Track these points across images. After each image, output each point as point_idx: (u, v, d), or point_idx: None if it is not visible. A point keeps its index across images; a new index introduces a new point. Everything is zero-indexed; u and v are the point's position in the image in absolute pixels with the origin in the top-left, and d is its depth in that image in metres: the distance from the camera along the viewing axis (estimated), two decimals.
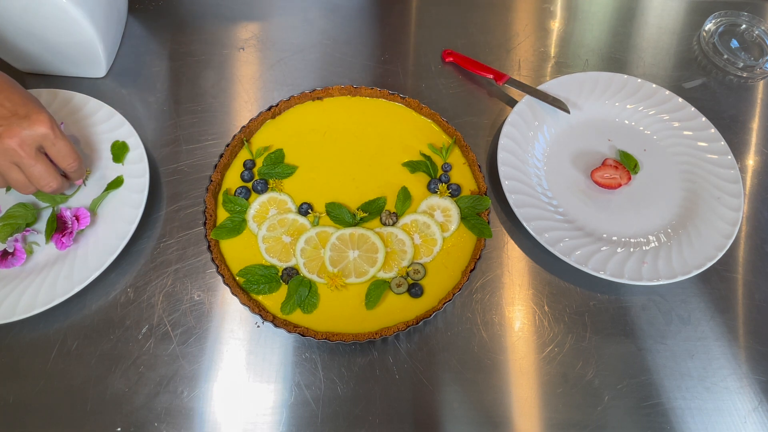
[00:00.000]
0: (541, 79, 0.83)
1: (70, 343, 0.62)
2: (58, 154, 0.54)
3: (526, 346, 0.64)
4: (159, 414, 0.58)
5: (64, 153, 0.54)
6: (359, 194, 0.67)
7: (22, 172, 0.53)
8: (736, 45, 0.89)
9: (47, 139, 0.51)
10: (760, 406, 0.61)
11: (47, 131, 0.51)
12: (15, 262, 0.63)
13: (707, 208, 0.70)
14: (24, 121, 0.49)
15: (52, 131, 0.51)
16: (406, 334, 0.63)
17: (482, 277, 0.67)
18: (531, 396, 0.61)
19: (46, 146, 0.52)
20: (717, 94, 0.84)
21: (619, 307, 0.66)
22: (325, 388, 0.60)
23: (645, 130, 0.78)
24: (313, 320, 0.60)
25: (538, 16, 0.91)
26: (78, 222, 0.64)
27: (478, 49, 0.86)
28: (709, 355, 0.64)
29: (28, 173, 0.53)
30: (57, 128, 0.52)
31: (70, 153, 0.55)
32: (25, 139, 0.50)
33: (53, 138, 0.52)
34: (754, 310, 0.67)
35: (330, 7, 0.89)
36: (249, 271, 0.61)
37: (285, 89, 0.81)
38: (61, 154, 0.54)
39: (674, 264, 0.65)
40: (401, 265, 0.63)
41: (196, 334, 0.63)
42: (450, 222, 0.65)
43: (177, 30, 0.86)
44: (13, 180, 0.54)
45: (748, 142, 0.80)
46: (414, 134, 0.72)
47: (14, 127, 0.49)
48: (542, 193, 0.71)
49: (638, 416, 0.60)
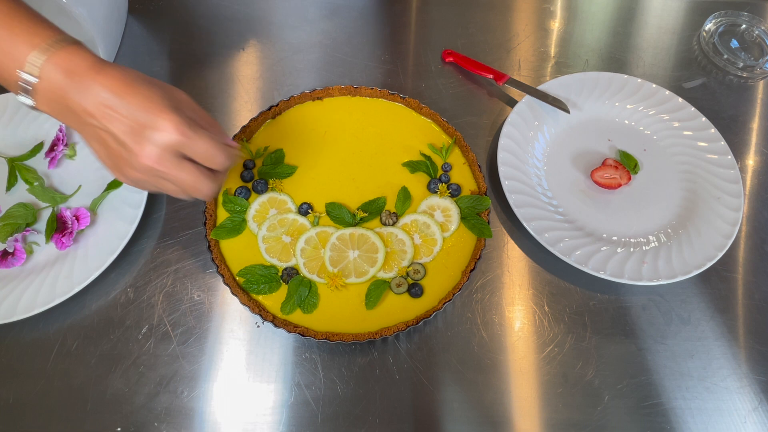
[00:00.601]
0: (541, 79, 0.83)
1: (70, 343, 0.62)
2: (201, 157, 0.46)
3: (526, 346, 0.64)
4: (159, 414, 0.58)
5: (204, 154, 0.45)
6: (359, 194, 0.67)
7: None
8: (736, 45, 0.89)
9: (181, 145, 0.44)
10: (760, 406, 0.61)
11: (176, 137, 0.43)
12: (15, 262, 0.63)
13: (707, 208, 0.70)
14: (148, 130, 0.42)
15: (182, 135, 0.43)
16: (406, 334, 0.63)
17: (482, 277, 0.67)
18: (531, 396, 0.61)
19: (184, 151, 0.45)
20: (717, 94, 0.84)
21: (619, 307, 0.66)
22: (325, 388, 0.60)
23: (645, 130, 0.78)
24: (313, 320, 0.60)
25: (538, 16, 0.91)
26: (78, 222, 0.64)
27: (478, 49, 0.86)
28: (709, 355, 0.64)
29: (176, 185, 0.46)
30: (187, 127, 0.44)
31: (212, 152, 0.46)
32: (158, 152, 0.43)
33: (186, 141, 0.44)
34: (754, 310, 0.67)
35: (330, 7, 0.89)
36: (249, 271, 0.61)
37: (285, 89, 0.81)
38: (204, 156, 0.46)
39: (674, 264, 0.65)
40: (401, 265, 0.63)
41: (196, 334, 0.63)
42: (450, 222, 0.65)
43: (177, 30, 0.86)
44: (170, 191, 0.48)
45: (748, 142, 0.80)
46: (414, 134, 0.72)
47: (142, 141, 0.43)
48: (542, 193, 0.71)
49: (638, 416, 0.60)
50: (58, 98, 0.44)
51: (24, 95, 0.43)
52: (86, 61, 0.43)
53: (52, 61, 0.42)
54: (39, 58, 0.42)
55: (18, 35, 0.42)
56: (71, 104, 0.43)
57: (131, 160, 0.44)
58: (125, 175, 0.47)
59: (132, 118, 0.43)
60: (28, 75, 0.42)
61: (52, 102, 0.44)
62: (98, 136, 0.45)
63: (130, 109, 0.43)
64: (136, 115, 0.43)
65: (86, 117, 0.44)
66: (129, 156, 0.44)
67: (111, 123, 0.43)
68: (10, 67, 0.42)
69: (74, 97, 0.43)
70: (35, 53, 0.42)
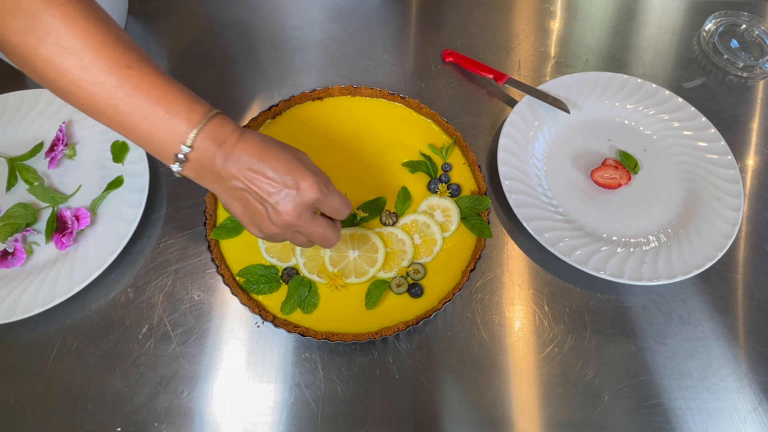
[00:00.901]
0: (541, 79, 0.83)
1: (70, 343, 0.62)
2: (331, 211, 0.51)
3: (526, 346, 0.64)
4: (159, 414, 0.58)
5: (336, 209, 0.51)
6: (359, 194, 0.67)
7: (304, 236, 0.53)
8: (736, 45, 0.89)
9: (319, 203, 0.49)
10: (760, 406, 0.61)
11: (318, 196, 0.48)
12: (15, 262, 0.63)
13: (707, 208, 0.70)
14: (294, 191, 0.47)
15: (320, 193, 0.48)
16: (406, 334, 0.63)
17: (482, 277, 0.67)
18: (531, 396, 0.61)
19: (319, 207, 0.51)
20: (717, 94, 0.84)
21: (619, 307, 0.66)
22: (325, 388, 0.60)
23: (645, 130, 0.78)
24: (313, 320, 0.60)
25: (538, 16, 0.91)
26: (78, 222, 0.64)
27: (478, 49, 0.86)
28: (709, 355, 0.64)
29: (309, 237, 0.52)
30: (325, 187, 0.49)
31: (341, 207, 0.51)
32: (301, 210, 0.48)
33: (324, 199, 0.49)
34: (754, 310, 0.67)
35: (330, 8, 0.89)
36: (249, 271, 0.61)
37: (285, 89, 0.81)
38: (334, 210, 0.51)
39: (674, 264, 0.65)
40: (401, 265, 0.63)
41: (196, 334, 0.63)
42: (450, 222, 0.65)
43: (177, 30, 0.86)
44: (298, 242, 0.53)
45: (748, 142, 0.80)
46: (414, 134, 0.72)
47: (287, 202, 0.47)
48: (542, 193, 0.71)
49: (638, 416, 0.60)
50: (207, 165, 0.47)
51: (177, 165, 0.46)
52: (230, 129, 0.47)
53: (203, 133, 0.46)
54: (195, 132, 0.45)
55: (177, 113, 0.45)
56: (217, 169, 0.47)
57: (273, 216, 0.48)
58: (262, 230, 0.50)
59: (278, 179, 0.47)
60: (185, 148, 0.45)
61: (199, 168, 0.47)
62: (240, 197, 0.49)
63: (275, 172, 0.47)
64: (282, 178, 0.47)
65: (231, 180, 0.47)
66: (271, 213, 0.48)
67: (255, 184, 0.47)
68: (169, 142, 0.46)
69: (221, 163, 0.47)
70: (194, 129, 0.45)
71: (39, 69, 0.43)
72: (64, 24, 0.42)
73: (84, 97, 0.44)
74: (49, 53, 0.42)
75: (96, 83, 0.43)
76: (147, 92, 0.44)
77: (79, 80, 0.43)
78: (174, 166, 0.47)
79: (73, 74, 0.43)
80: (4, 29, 0.42)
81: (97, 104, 0.44)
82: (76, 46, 0.42)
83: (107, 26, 0.44)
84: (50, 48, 0.42)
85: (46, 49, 0.42)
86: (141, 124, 0.45)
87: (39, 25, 0.41)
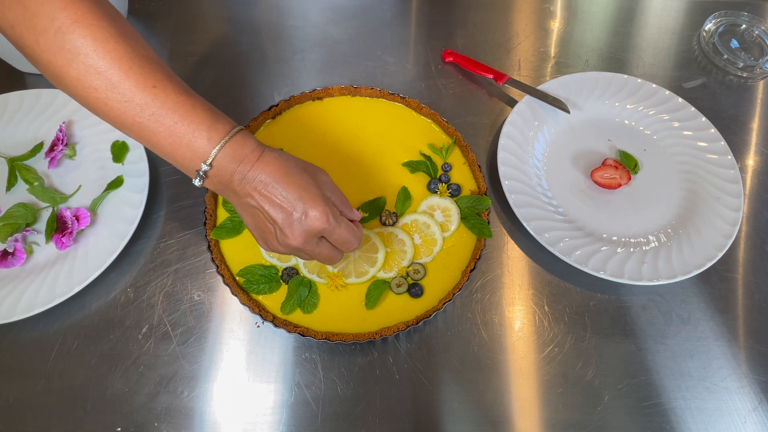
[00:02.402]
0: (541, 79, 0.83)
1: (70, 343, 0.62)
2: (337, 242, 0.52)
3: (526, 346, 0.64)
4: (159, 414, 0.58)
5: (342, 241, 0.52)
6: (359, 194, 0.67)
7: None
8: (736, 45, 0.89)
9: (325, 232, 0.50)
10: (760, 406, 0.61)
11: (324, 226, 0.49)
12: (15, 262, 0.63)
13: (707, 208, 0.70)
14: (302, 218, 0.48)
15: (328, 225, 0.49)
16: (406, 334, 0.63)
17: (482, 277, 0.67)
18: (531, 396, 0.61)
19: (326, 236, 0.52)
20: (717, 94, 0.84)
21: (619, 307, 0.66)
22: (325, 388, 0.60)
23: (645, 130, 0.78)
24: (313, 320, 0.60)
25: (538, 16, 0.91)
26: (78, 222, 0.64)
27: (478, 49, 0.86)
28: (709, 355, 0.64)
29: (313, 257, 0.53)
30: (333, 218, 0.50)
31: (348, 239, 0.52)
32: (306, 237, 0.49)
33: (330, 230, 0.50)
34: (754, 310, 0.67)
35: (330, 8, 0.89)
36: (249, 271, 0.61)
37: (285, 89, 0.81)
38: (340, 242, 0.52)
39: (674, 264, 0.65)
40: (401, 265, 0.63)
41: (196, 334, 0.63)
42: (450, 222, 0.65)
43: (177, 30, 0.86)
44: (302, 258, 0.54)
45: (748, 142, 0.80)
46: (414, 134, 0.72)
47: (294, 228, 0.48)
48: (542, 193, 0.71)
49: (638, 416, 0.60)
50: (225, 181, 0.48)
51: (198, 180, 0.48)
52: (250, 148, 0.48)
53: (223, 152, 0.47)
54: (216, 151, 0.47)
55: (200, 132, 0.46)
56: (234, 185, 0.48)
57: (281, 238, 0.50)
58: (269, 246, 0.52)
59: (288, 204, 0.48)
60: (206, 166, 0.47)
61: (219, 183, 0.49)
62: (253, 213, 0.50)
63: (287, 196, 0.48)
64: (293, 203, 0.48)
65: (245, 197, 0.49)
66: (279, 235, 0.50)
67: (267, 205, 0.48)
68: (190, 159, 0.47)
69: (239, 179, 0.48)
70: (215, 148, 0.46)
71: (70, 86, 0.45)
72: (93, 44, 0.43)
73: (111, 114, 0.46)
74: (78, 72, 0.43)
75: (122, 102, 0.44)
76: (171, 111, 0.45)
77: (106, 99, 0.44)
78: (195, 181, 0.48)
79: (100, 93, 0.44)
80: (37, 48, 0.43)
81: (124, 121, 0.46)
82: (104, 66, 0.43)
83: (134, 45, 0.45)
84: (79, 67, 0.43)
85: (75, 69, 0.43)
86: (164, 141, 0.46)
87: (69, 45, 0.42)
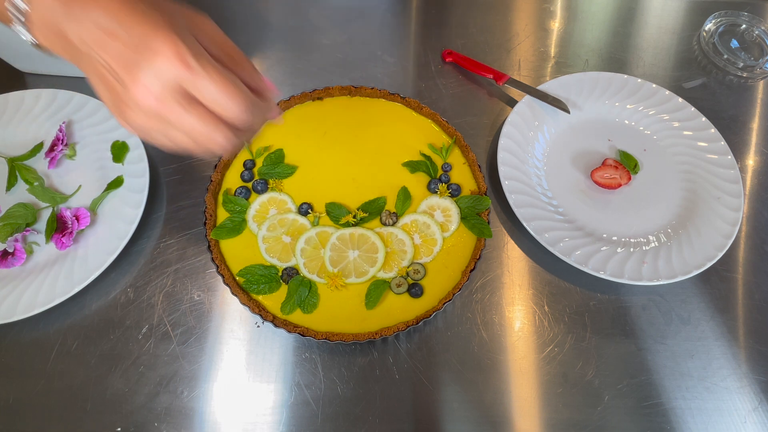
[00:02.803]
0: (541, 79, 0.83)
1: (70, 343, 0.62)
2: (206, 99, 0.37)
3: (526, 346, 0.64)
4: (159, 414, 0.58)
5: (212, 96, 0.37)
6: (359, 194, 0.67)
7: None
8: (736, 45, 0.89)
9: (183, 80, 0.36)
10: (760, 406, 0.61)
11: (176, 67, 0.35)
12: (15, 262, 0.63)
13: (707, 208, 0.70)
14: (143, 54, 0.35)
15: (183, 65, 0.35)
16: (406, 334, 0.63)
17: (482, 277, 0.67)
18: (531, 396, 0.61)
19: (188, 89, 0.37)
20: (717, 94, 0.84)
21: (619, 307, 0.66)
22: (325, 388, 0.60)
23: (645, 130, 0.78)
24: (313, 320, 0.60)
25: (538, 16, 0.91)
26: (78, 222, 0.64)
27: (478, 49, 0.86)
28: (709, 355, 0.64)
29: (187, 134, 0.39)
30: (192, 57, 0.36)
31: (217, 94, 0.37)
32: (157, 87, 0.36)
33: (190, 75, 0.36)
34: (754, 310, 0.67)
35: (330, 7, 0.89)
36: (249, 271, 0.61)
37: (285, 89, 0.81)
38: (211, 100, 0.38)
39: (674, 264, 0.65)
40: (401, 265, 0.63)
41: (196, 334, 0.63)
42: (450, 222, 0.65)
43: None
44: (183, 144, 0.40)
45: (748, 142, 0.80)
46: (414, 134, 0.72)
47: (135, 70, 0.35)
48: (542, 193, 0.71)
49: (638, 416, 0.60)
50: (53, 27, 0.38)
51: (20, 26, 0.38)
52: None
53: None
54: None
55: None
56: (67, 32, 0.37)
57: (127, 96, 0.37)
58: (127, 120, 0.39)
59: (127, 42, 0.36)
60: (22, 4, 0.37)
61: (50, 34, 0.38)
62: (96, 70, 0.38)
63: (122, 30, 0.36)
64: (132, 39, 0.35)
65: (82, 46, 0.38)
66: (123, 92, 0.37)
67: (105, 50, 0.37)
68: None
69: (69, 23, 0.37)
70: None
71: None
72: None
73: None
74: None
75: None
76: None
77: None
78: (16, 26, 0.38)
79: None
80: None
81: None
82: None
83: None
84: None
85: None
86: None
87: None
